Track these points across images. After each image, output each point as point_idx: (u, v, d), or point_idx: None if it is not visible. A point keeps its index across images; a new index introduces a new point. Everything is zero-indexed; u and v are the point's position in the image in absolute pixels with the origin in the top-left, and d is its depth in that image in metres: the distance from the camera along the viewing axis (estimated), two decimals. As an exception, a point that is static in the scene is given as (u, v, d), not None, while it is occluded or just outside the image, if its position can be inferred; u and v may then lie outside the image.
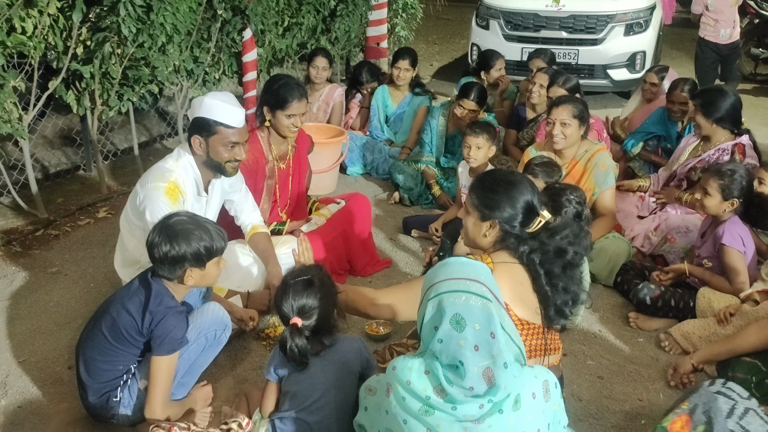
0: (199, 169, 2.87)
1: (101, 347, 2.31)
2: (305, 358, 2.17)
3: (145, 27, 3.95)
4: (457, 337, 1.70)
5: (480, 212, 2.28)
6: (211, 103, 2.75)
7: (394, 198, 4.74)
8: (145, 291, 2.29)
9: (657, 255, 3.76)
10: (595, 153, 3.68)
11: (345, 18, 6.49)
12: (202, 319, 2.42)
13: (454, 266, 1.83)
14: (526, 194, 2.27)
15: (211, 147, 2.79)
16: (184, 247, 2.25)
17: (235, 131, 2.78)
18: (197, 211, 2.86)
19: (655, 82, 5.07)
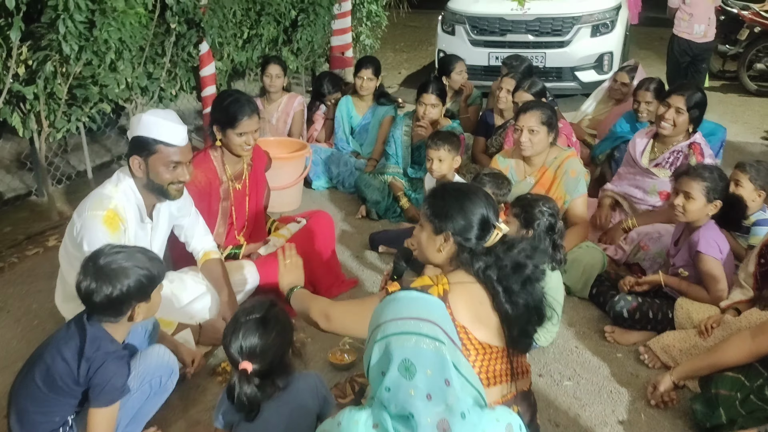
0: (141, 193, 2.66)
1: (35, 397, 2.11)
2: (255, 406, 1.97)
3: (89, 44, 3.75)
4: (407, 385, 1.51)
5: (432, 224, 2.12)
6: (149, 120, 2.55)
7: (361, 212, 4.57)
8: (80, 335, 2.09)
9: (632, 263, 3.63)
10: (565, 160, 3.54)
11: (307, 28, 6.32)
12: (146, 363, 2.22)
13: (402, 303, 1.65)
14: (479, 205, 2.11)
15: (152, 168, 2.58)
16: (126, 284, 2.06)
17: (176, 150, 2.59)
18: (141, 239, 2.67)
19: (626, 82, 4.97)
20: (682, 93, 3.71)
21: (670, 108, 3.72)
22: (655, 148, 3.96)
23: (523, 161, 3.63)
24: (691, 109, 3.69)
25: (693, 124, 3.76)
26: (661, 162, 3.88)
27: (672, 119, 3.72)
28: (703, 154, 3.75)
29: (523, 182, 3.61)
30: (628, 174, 4.04)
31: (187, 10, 4.72)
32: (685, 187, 3.00)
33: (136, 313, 2.13)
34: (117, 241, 2.51)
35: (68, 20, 3.52)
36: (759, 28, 8.12)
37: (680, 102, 3.69)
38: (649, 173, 3.90)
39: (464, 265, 2.08)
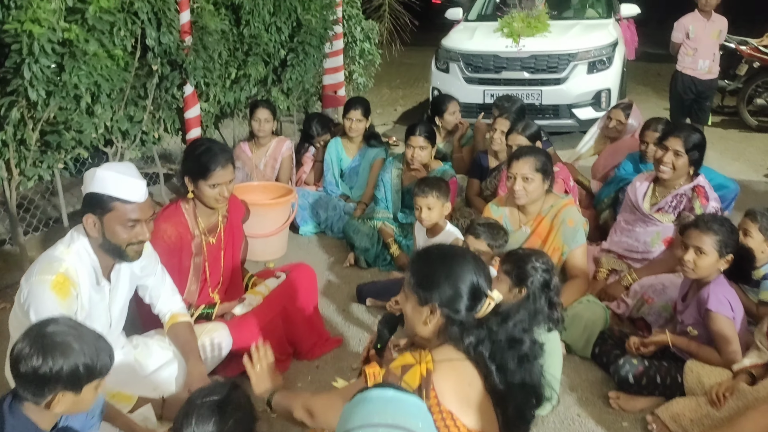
0: (96, 254, 2.43)
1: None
2: None
3: (58, 89, 3.56)
4: None
5: (417, 295, 1.90)
6: (105, 175, 2.33)
7: (349, 260, 4.35)
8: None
9: (636, 318, 3.39)
10: (562, 208, 3.33)
11: (296, 67, 6.15)
12: None
13: (375, 404, 1.41)
14: (469, 271, 1.89)
15: (107, 227, 2.35)
16: (60, 363, 1.78)
17: (134, 207, 2.36)
18: (97, 303, 2.44)
19: (621, 120, 4.78)
20: (679, 135, 3.53)
21: (668, 151, 3.53)
22: (657, 192, 3.75)
23: (518, 210, 3.42)
24: (690, 151, 3.50)
25: (693, 166, 3.56)
26: (663, 206, 3.67)
27: (671, 162, 3.52)
28: (708, 197, 3.54)
29: (518, 232, 3.40)
30: (628, 225, 3.81)
31: (170, 51, 4.56)
32: (695, 242, 2.77)
33: (57, 401, 1.84)
34: (68, 308, 2.28)
35: (34, 65, 3.33)
36: (758, 63, 8.01)
37: (678, 144, 3.50)
38: (651, 219, 3.68)
39: (453, 339, 1.85)
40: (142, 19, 4.25)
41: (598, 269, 3.76)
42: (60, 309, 2.26)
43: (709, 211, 3.47)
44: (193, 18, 4.82)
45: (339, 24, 6.94)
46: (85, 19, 3.57)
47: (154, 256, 2.68)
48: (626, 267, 3.70)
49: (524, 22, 7.24)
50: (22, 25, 3.20)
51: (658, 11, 11.80)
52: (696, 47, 6.31)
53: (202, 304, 3.03)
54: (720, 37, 6.42)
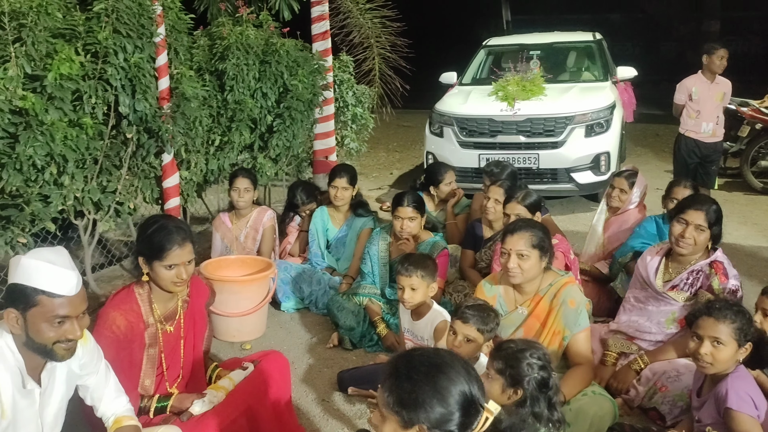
0: (21, 353, 2.10)
1: None
2: None
3: (11, 161, 3.30)
4: None
5: (399, 416, 1.57)
6: (30, 264, 2.02)
7: (333, 341, 4.00)
8: None
9: (649, 408, 3.03)
10: (562, 287, 3.00)
11: (283, 133, 5.94)
12: None
13: None
14: (460, 382, 1.59)
15: (31, 324, 2.03)
16: None
17: (63, 301, 2.03)
18: (25, 409, 2.10)
19: (624, 189, 4.49)
20: (700, 208, 3.24)
21: (689, 225, 3.23)
22: (670, 268, 3.44)
23: (513, 289, 3.10)
24: (712, 226, 3.21)
25: (713, 241, 3.26)
26: (678, 284, 3.35)
27: (692, 238, 3.23)
28: (727, 275, 3.23)
29: (513, 313, 3.07)
30: (639, 303, 3.48)
31: (146, 119, 4.34)
32: (711, 332, 2.45)
33: None
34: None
35: (-19, 136, 3.10)
36: (760, 125, 7.82)
37: (700, 218, 3.21)
38: (664, 297, 3.36)
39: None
40: (114, 86, 4.05)
41: (606, 352, 3.41)
42: None
43: (729, 289, 3.15)
44: (172, 84, 4.63)
45: (330, 89, 6.78)
46: (44, 87, 3.35)
47: (96, 351, 2.35)
48: (637, 349, 3.35)
49: (519, 85, 7.09)
50: (-28, 93, 2.97)
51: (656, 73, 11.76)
52: (699, 110, 6.10)
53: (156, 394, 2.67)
54: (724, 100, 6.22)
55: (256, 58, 5.50)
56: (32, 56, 3.34)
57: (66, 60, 3.38)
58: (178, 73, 4.76)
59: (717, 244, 3.30)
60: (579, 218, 6.79)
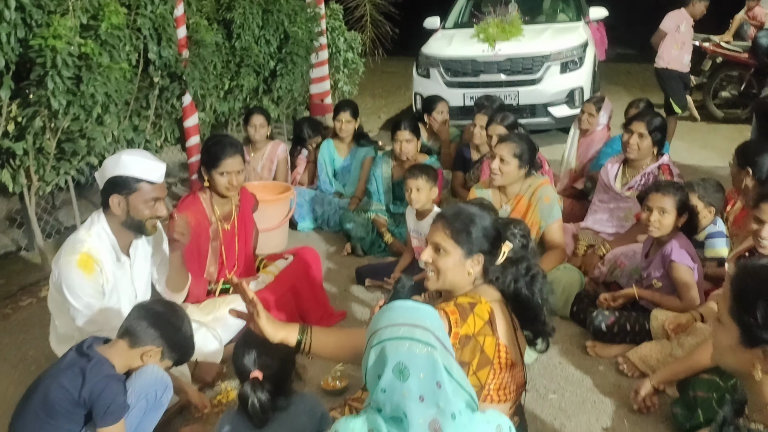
0: (114, 234, 2.74)
1: (33, 425, 2.18)
2: (267, 413, 2.08)
3: (76, 99, 3.89)
4: (401, 387, 1.61)
5: (464, 248, 2.23)
6: (129, 159, 2.66)
7: (347, 249, 4.70)
8: (81, 361, 2.20)
9: (610, 282, 3.76)
10: (539, 187, 3.69)
11: (285, 77, 6.53)
12: (141, 380, 2.32)
13: (398, 311, 1.75)
14: (493, 224, 2.30)
15: (132, 205, 2.67)
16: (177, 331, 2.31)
17: (156, 187, 2.70)
18: (120, 278, 2.76)
19: (592, 113, 5.17)
20: (642, 119, 3.94)
21: (633, 134, 3.94)
22: (627, 173, 4.16)
23: (499, 191, 3.78)
24: (652, 133, 3.90)
25: (657, 146, 3.96)
26: (633, 185, 4.06)
27: (636, 144, 3.93)
28: (672, 174, 3.95)
29: (499, 211, 3.75)
30: (603, 203, 4.20)
31: (169, 64, 4.90)
32: (659, 203, 3.15)
33: (148, 355, 2.30)
34: (94, 281, 2.63)
35: (56, 77, 3.67)
36: (721, 59, 8.47)
37: (642, 127, 3.91)
38: (622, 197, 4.07)
39: (491, 283, 2.25)
40: (144, 35, 4.60)
41: (577, 245, 4.13)
42: (87, 283, 2.62)
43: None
44: (189, 33, 5.17)
45: (323, 35, 7.32)
46: (98, 35, 3.92)
47: (162, 236, 3.00)
48: (601, 241, 4.08)
49: (499, 27, 7.64)
50: (46, 40, 3.54)
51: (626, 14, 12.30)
52: (684, 41, 6.75)
53: (222, 279, 3.36)
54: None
55: (258, 7, 6.03)
56: (87, 8, 3.89)
57: (114, 12, 3.94)
58: (194, 23, 5.30)
59: (662, 149, 4.00)
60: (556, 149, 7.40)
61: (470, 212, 2.29)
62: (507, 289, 2.28)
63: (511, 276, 2.28)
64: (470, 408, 1.70)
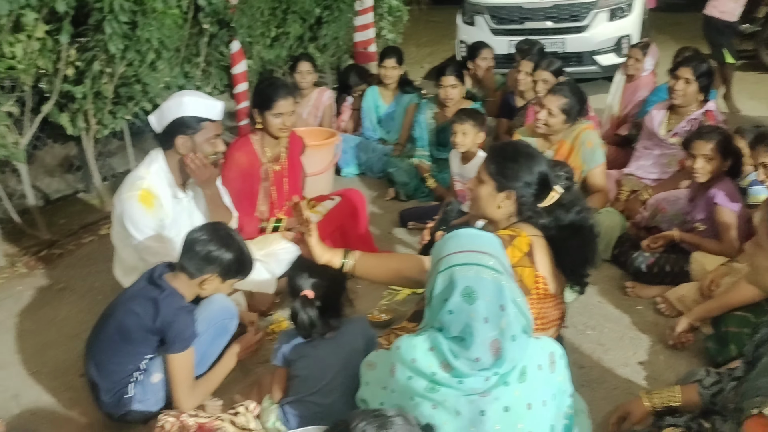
0: (172, 172, 2.89)
1: (110, 348, 2.37)
2: (315, 329, 2.23)
3: (132, 44, 4.02)
4: (468, 309, 1.71)
5: (497, 182, 2.31)
6: (191, 100, 2.81)
7: (390, 194, 4.81)
8: (154, 291, 2.36)
9: (652, 226, 3.79)
10: (582, 131, 3.73)
11: (331, 25, 6.58)
12: (209, 309, 2.49)
13: (464, 238, 1.84)
14: (543, 167, 2.33)
15: (197, 143, 2.82)
16: (225, 254, 2.37)
17: (216, 124, 2.85)
18: (180, 213, 2.91)
19: (638, 58, 5.12)
20: (688, 64, 3.92)
21: (679, 79, 3.92)
22: (672, 119, 4.15)
23: (542, 137, 3.81)
24: (699, 78, 3.88)
25: (703, 93, 3.94)
26: (678, 132, 4.05)
27: (682, 89, 3.91)
28: (717, 121, 3.92)
29: (542, 155, 3.80)
30: (647, 150, 4.20)
31: (218, 11, 4.99)
32: (702, 150, 3.18)
33: (208, 281, 2.42)
34: (154, 215, 2.79)
35: (113, 22, 3.80)
36: (776, 6, 8.18)
37: (688, 73, 3.89)
38: (667, 144, 4.07)
39: (527, 221, 2.30)
40: (195, -19, 4.70)
41: (620, 190, 4.16)
42: (148, 216, 2.78)
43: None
44: (236, -22, 5.24)
45: (368, -18, 7.30)
46: (151, -19, 4.03)
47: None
48: (644, 187, 4.10)
49: (546, -27, 7.51)
50: (103, -15, 3.66)
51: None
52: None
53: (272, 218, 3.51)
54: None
55: (305, -46, 6.05)
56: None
57: (167, -43, 4.05)
58: (242, -32, 5.36)
59: (707, 95, 3.97)
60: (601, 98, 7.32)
61: (514, 151, 2.35)
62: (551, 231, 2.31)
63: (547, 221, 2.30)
64: (526, 332, 1.80)
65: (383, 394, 1.96)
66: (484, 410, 1.71)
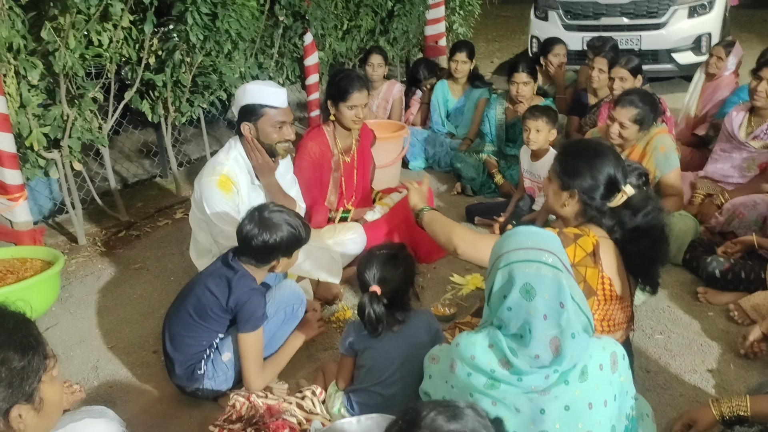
0: (249, 159, 2.99)
1: (186, 324, 2.48)
2: (381, 324, 2.27)
3: (212, 34, 4.15)
4: (527, 305, 1.71)
5: (560, 180, 2.31)
6: (253, 88, 2.91)
7: (457, 188, 4.81)
8: (228, 272, 2.44)
9: (727, 231, 3.68)
10: (655, 136, 3.63)
11: (402, 18, 6.59)
12: (281, 294, 2.58)
13: (523, 235, 1.85)
14: (609, 166, 2.29)
15: (261, 130, 2.91)
16: (281, 236, 2.41)
17: (280, 111, 2.91)
18: (255, 200, 3.00)
19: (721, 56, 4.95)
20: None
21: (762, 81, 3.78)
22: (752, 121, 4.00)
23: (614, 142, 3.74)
24: None
25: None
26: (759, 134, 3.92)
27: (764, 91, 3.77)
28: (801, 125, 3.77)
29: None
30: (724, 152, 4.07)
31: (294, 3, 5.08)
32: None
33: (278, 265, 2.50)
34: (231, 200, 2.88)
35: (195, 13, 3.93)
36: None
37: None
38: (746, 146, 3.94)
39: (594, 222, 2.29)
40: (272, -27, 4.79)
41: (695, 193, 4.05)
42: (225, 201, 2.88)
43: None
44: (312, -28, 5.32)
45: (441, -25, 7.28)
46: (231, -26, 4.14)
47: (288, 163, 3.23)
48: (720, 190, 3.98)
49: (624, -32, 7.34)
50: (187, -23, 3.79)
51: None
52: None
53: (340, 208, 3.57)
54: None
55: (380, -52, 6.08)
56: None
57: (247, -49, 4.15)
58: (317, -38, 5.44)
59: None
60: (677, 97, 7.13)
61: (581, 149, 2.34)
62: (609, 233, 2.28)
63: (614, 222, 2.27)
64: (586, 332, 1.79)
65: (445, 388, 1.97)
66: (544, 408, 1.72)
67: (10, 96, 3.41)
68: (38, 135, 3.58)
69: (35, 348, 1.38)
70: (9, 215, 3.51)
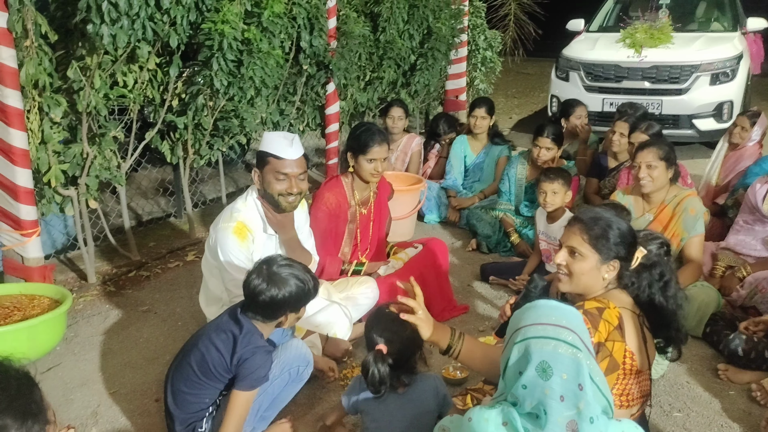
0: (263, 206, 2.94)
1: (189, 380, 2.39)
2: (383, 386, 2.18)
3: (236, 80, 4.18)
4: (543, 385, 1.65)
5: (600, 253, 2.24)
6: (267, 135, 2.90)
7: (472, 245, 4.75)
8: (234, 328, 2.36)
9: (749, 306, 3.58)
10: (685, 198, 3.58)
11: (424, 72, 6.66)
12: (286, 354, 2.49)
13: (543, 310, 1.78)
14: (630, 229, 2.30)
15: (265, 178, 2.87)
16: (289, 292, 2.32)
17: (284, 162, 2.83)
18: (269, 249, 2.95)
19: (745, 126, 4.92)
20: None
21: None
22: None
23: (642, 198, 3.68)
24: None
25: None
26: None
27: None
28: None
29: (640, 218, 3.67)
30: (747, 224, 3.99)
31: (319, 53, 5.13)
32: None
33: (285, 321, 2.42)
34: (246, 248, 2.83)
35: (221, 59, 3.96)
36: None
37: None
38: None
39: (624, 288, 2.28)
40: (299, 24, 4.84)
41: (715, 265, 3.96)
42: (240, 249, 2.82)
43: None
44: (338, 24, 5.39)
45: (465, 32, 7.38)
46: (260, 22, 4.18)
47: (305, 216, 3.18)
48: (742, 263, 3.89)
49: (647, 33, 7.41)
50: (215, 25, 3.83)
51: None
52: None
53: (354, 261, 3.52)
54: None
55: (405, 2, 6.17)
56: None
57: (277, 1, 4.19)
58: (344, 14, 5.51)
59: None
60: (697, 163, 7.10)
61: (608, 218, 2.29)
62: (641, 294, 2.28)
63: (646, 281, 2.28)
64: (606, 414, 1.70)
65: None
66: None
67: (32, 132, 3.43)
68: (57, 171, 3.59)
69: (36, 416, 1.36)
70: (21, 250, 3.48)
